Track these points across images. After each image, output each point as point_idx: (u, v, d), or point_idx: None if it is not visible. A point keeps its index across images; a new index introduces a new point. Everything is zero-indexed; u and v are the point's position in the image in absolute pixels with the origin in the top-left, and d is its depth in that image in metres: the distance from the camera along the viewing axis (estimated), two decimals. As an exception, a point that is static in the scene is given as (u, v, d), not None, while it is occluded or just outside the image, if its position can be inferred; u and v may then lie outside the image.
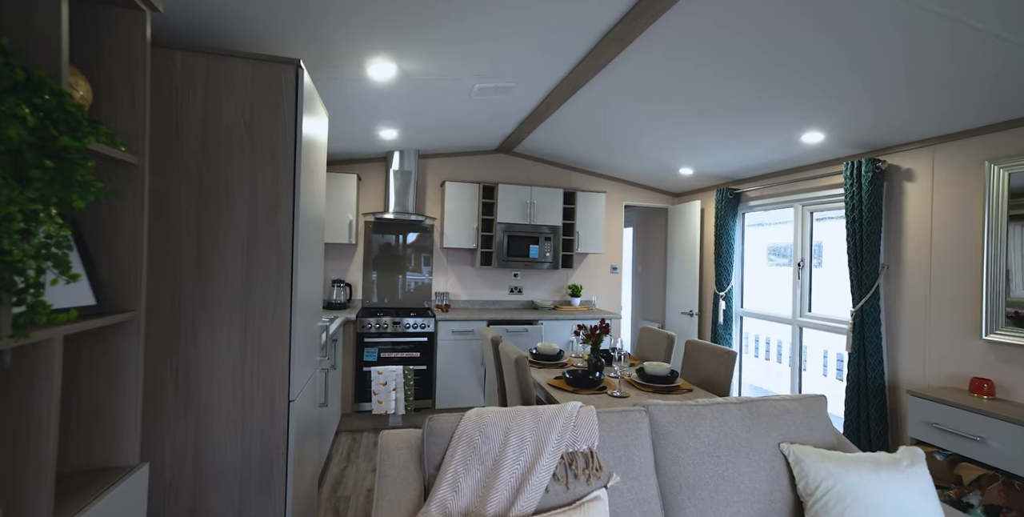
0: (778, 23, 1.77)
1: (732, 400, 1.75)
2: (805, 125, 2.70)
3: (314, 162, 1.88)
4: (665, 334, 2.88)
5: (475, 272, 4.38)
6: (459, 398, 3.73)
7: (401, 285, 4.21)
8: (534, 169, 4.50)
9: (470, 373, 3.75)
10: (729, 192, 3.92)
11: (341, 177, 3.76)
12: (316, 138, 1.92)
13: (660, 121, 2.98)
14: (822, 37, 1.82)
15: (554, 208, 4.17)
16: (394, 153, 3.97)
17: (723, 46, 1.98)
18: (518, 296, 4.48)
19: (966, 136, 2.42)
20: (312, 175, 1.85)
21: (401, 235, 4.23)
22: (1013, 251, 2.23)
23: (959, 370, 2.43)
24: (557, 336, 3.98)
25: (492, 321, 3.83)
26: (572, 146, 3.85)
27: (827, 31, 1.78)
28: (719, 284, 3.97)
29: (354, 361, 3.51)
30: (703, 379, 2.51)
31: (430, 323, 3.67)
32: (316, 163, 1.93)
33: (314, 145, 1.88)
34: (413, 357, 3.63)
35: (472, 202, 4.07)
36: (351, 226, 3.78)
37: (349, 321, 3.50)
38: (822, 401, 1.80)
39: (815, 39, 1.84)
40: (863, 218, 2.77)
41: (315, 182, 1.92)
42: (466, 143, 4.04)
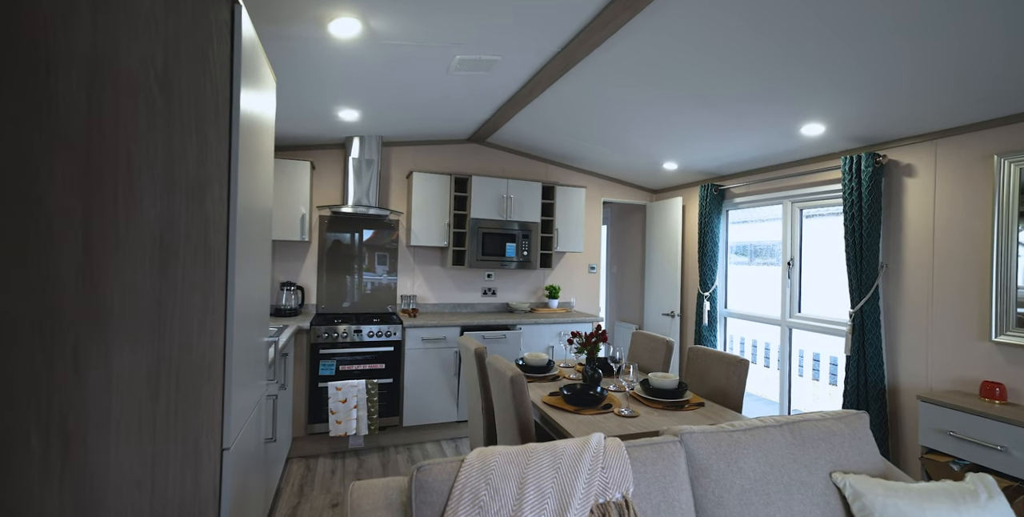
0: (788, 9, 1.62)
1: (770, 421, 1.50)
2: (807, 116, 2.53)
3: (258, 139, 1.47)
4: (663, 340, 2.63)
5: (445, 273, 4.00)
6: (430, 413, 3.35)
7: (362, 288, 3.77)
8: (509, 161, 4.18)
9: (442, 384, 3.38)
10: (714, 188, 3.75)
11: (292, 165, 3.29)
12: (261, 109, 1.50)
13: (654, 109, 2.73)
14: (831, 26, 1.71)
15: (532, 203, 3.86)
16: (353, 139, 3.53)
17: (728, 32, 1.85)
18: (492, 298, 4.14)
19: (970, 130, 2.31)
20: (256, 155, 1.44)
21: (362, 232, 3.78)
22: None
23: (965, 373, 2.33)
24: (537, 342, 3.68)
25: (467, 327, 3.48)
26: (553, 137, 3.55)
27: (835, 20, 1.66)
28: (703, 284, 3.81)
29: (307, 376, 3.06)
30: (711, 390, 2.27)
31: (396, 330, 3.26)
32: (261, 141, 1.52)
33: (259, 118, 1.47)
34: (377, 369, 3.22)
35: (442, 196, 3.70)
36: (304, 221, 3.31)
37: (302, 330, 3.04)
38: (865, 419, 1.58)
39: (824, 28, 1.73)
40: (863, 215, 2.64)
41: (260, 165, 1.51)
42: (436, 130, 3.66)
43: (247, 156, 1.32)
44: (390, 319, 3.45)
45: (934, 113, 2.28)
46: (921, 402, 2.25)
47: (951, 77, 1.97)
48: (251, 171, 1.38)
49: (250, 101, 1.34)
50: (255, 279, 1.47)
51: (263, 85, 1.52)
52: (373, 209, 3.44)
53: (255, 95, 1.40)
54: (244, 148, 1.28)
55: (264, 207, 1.60)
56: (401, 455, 3.16)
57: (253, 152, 1.40)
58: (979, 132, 2.29)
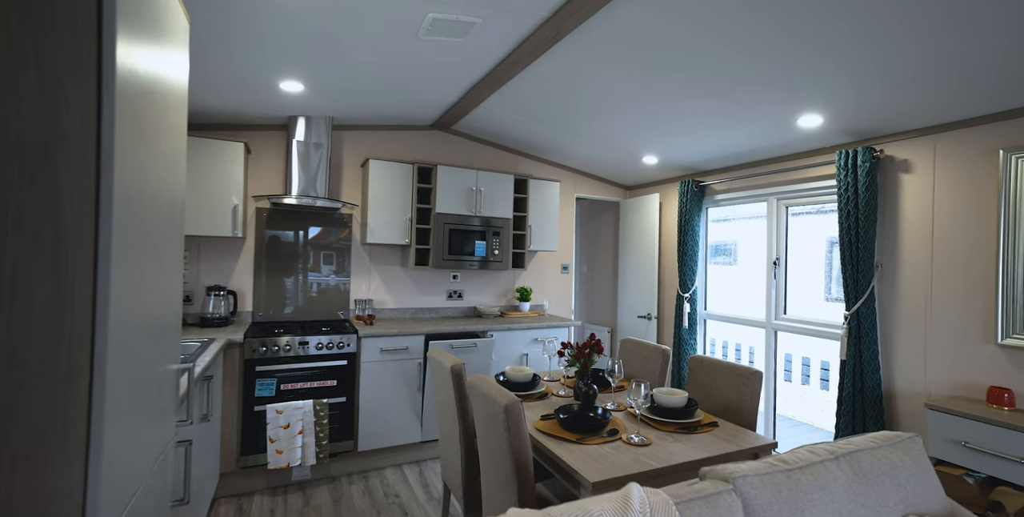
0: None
1: (822, 453, 1.24)
2: (806, 106, 2.35)
3: (157, 101, 1.04)
4: (658, 348, 2.37)
5: (406, 274, 3.58)
6: (390, 434, 2.93)
7: (308, 291, 3.28)
8: (477, 151, 3.81)
9: (404, 401, 2.97)
10: (695, 184, 3.57)
11: (220, 146, 2.76)
12: (164, 65, 1.07)
13: (642, 96, 2.47)
14: (835, 12, 1.59)
15: (503, 197, 3.52)
16: (298, 119, 3.04)
17: (729, 10, 1.68)
18: (458, 302, 3.76)
19: (972, 125, 2.21)
20: (153, 124, 1.01)
21: (308, 227, 3.29)
22: (1035, 248, 2.04)
23: (967, 378, 2.22)
24: (510, 349, 3.34)
25: (432, 335, 3.08)
26: (526, 125, 3.23)
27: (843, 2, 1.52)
28: (683, 285, 3.62)
29: (240, 399, 2.56)
30: (719, 406, 2.03)
31: (350, 340, 2.82)
32: (164, 107, 1.09)
33: (160, 75, 1.04)
34: (327, 387, 2.76)
35: (404, 187, 3.28)
36: (236, 214, 2.79)
37: (233, 344, 2.53)
38: (920, 444, 1.37)
39: (827, 12, 1.61)
40: (859, 212, 2.51)
41: (163, 137, 1.08)
42: (396, 114, 3.23)
43: (135, 120, 0.90)
44: (342, 327, 3.00)
45: (937, 105, 2.15)
46: (929, 410, 2.11)
47: (956, 65, 1.84)
48: (145, 143, 0.96)
49: (144, 50, 0.91)
50: (156, 284, 1.04)
51: (165, 27, 1.08)
52: (322, 201, 2.97)
53: (150, 38, 0.97)
54: (128, 107, 0.86)
55: (171, 193, 1.16)
56: (356, 486, 2.72)
57: (147, 118, 0.97)
58: (982, 126, 2.18)
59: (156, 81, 1.01)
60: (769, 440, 1.65)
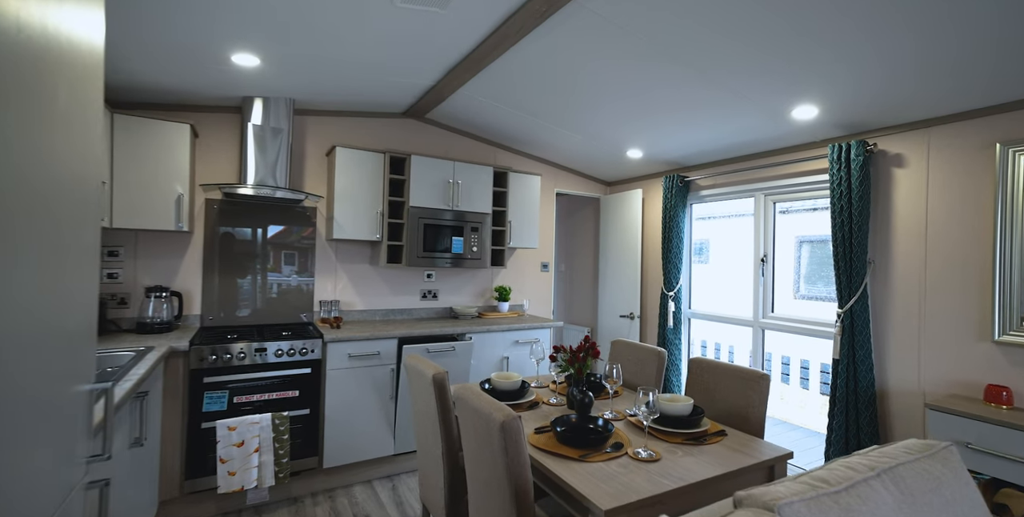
0: None
1: (862, 469, 1.10)
2: (802, 97, 2.26)
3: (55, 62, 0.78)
4: (653, 351, 2.22)
5: (376, 273, 3.31)
6: (359, 448, 2.67)
7: (267, 292, 2.97)
8: (453, 142, 3.58)
9: (375, 411, 2.71)
10: (679, 179, 3.46)
11: (159, 127, 2.43)
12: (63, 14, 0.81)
13: (634, 82, 2.32)
14: None
15: (482, 191, 3.30)
16: (254, 101, 2.73)
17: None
18: (433, 302, 3.52)
19: (967, 118, 2.16)
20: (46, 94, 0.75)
21: (267, 220, 2.98)
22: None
23: (962, 376, 2.18)
24: (490, 353, 3.13)
25: (406, 339, 2.84)
26: (508, 113, 3.03)
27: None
28: (667, 283, 3.50)
29: (185, 415, 2.24)
30: (723, 412, 1.88)
31: (314, 346, 2.55)
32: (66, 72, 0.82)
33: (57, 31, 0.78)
34: (288, 398, 2.47)
35: (374, 178, 3.02)
36: (181, 205, 2.47)
37: (177, 352, 2.22)
38: (956, 454, 1.25)
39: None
40: (852, 207, 2.44)
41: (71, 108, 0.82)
42: (365, 98, 2.97)
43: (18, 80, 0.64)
44: (305, 332, 2.71)
45: (933, 96, 2.08)
46: (929, 410, 2.04)
47: (954, 56, 1.79)
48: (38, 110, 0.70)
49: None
50: (54, 284, 0.78)
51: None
52: (282, 191, 2.68)
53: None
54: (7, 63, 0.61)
55: (80, 174, 0.89)
56: (321, 507, 2.45)
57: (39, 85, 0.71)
58: (977, 120, 2.14)
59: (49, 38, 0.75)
60: (784, 449, 1.51)
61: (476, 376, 3.07)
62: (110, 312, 2.51)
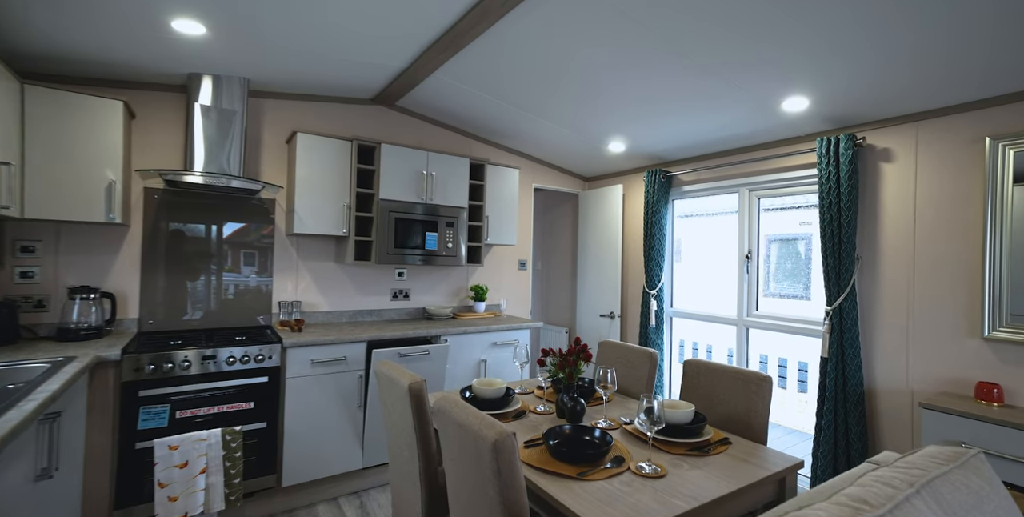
0: None
1: (903, 485, 0.97)
2: (794, 87, 2.18)
3: None
4: (646, 352, 2.09)
5: (342, 271, 3.06)
6: (323, 463, 2.43)
7: (220, 293, 2.68)
8: (427, 133, 3.37)
9: (341, 422, 2.47)
10: (662, 174, 3.36)
11: (87, 103, 2.12)
12: None
13: (623, 69, 2.19)
14: None
15: (458, 183, 3.11)
16: (203, 79, 2.45)
17: None
18: (404, 302, 3.29)
19: (956, 112, 2.13)
20: None
21: (219, 213, 2.69)
22: (1022, 238, 1.97)
23: (951, 374, 2.14)
24: (467, 355, 2.94)
25: (375, 342, 2.61)
26: (485, 101, 2.84)
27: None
28: (649, 281, 3.40)
29: (115, 434, 1.95)
30: (723, 417, 1.76)
31: (272, 351, 2.29)
32: None
33: None
34: (241, 411, 2.21)
35: (341, 168, 2.77)
36: (113, 193, 2.17)
37: (105, 362, 1.93)
38: (984, 461, 1.16)
39: None
40: (841, 202, 2.38)
41: None
42: (330, 81, 2.72)
43: None
44: (262, 336, 2.45)
45: (926, 88, 2.02)
46: (924, 409, 1.99)
47: (946, 48, 1.74)
48: None
49: None
50: None
51: None
52: (236, 180, 2.40)
53: None
54: None
55: None
56: (280, 531, 2.20)
57: None
58: (967, 114, 2.11)
59: None
60: (794, 458, 1.40)
61: (452, 381, 2.87)
62: (24, 316, 2.17)
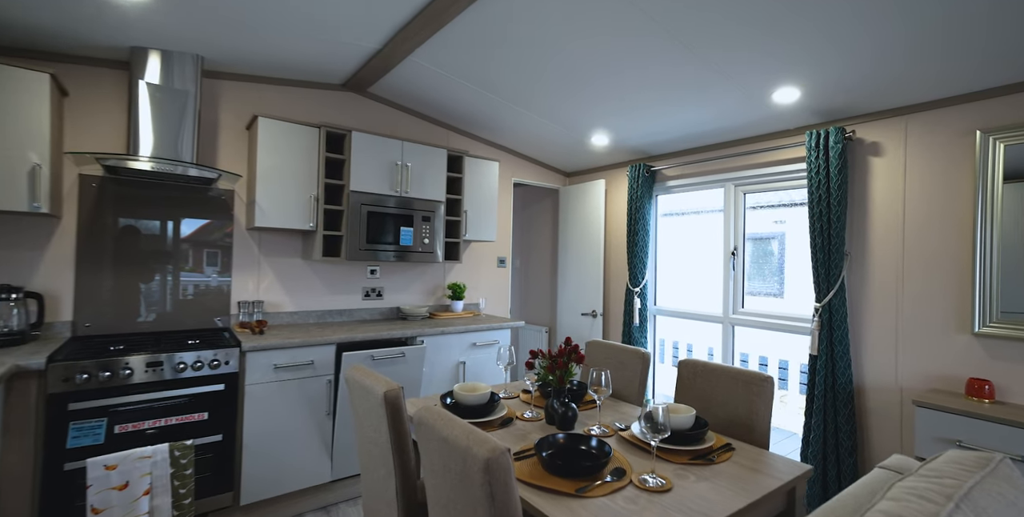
0: None
1: (941, 499, 0.87)
2: (785, 77, 2.11)
3: None
4: (637, 352, 1.97)
5: (309, 268, 2.85)
6: (288, 478, 2.22)
7: (170, 293, 2.43)
8: (400, 122, 3.18)
9: (308, 431, 2.27)
10: (646, 169, 3.28)
11: (4, 74, 1.85)
12: None
13: (612, 56, 2.08)
14: None
15: (435, 176, 2.93)
16: (149, 54, 2.20)
17: None
18: (377, 302, 3.09)
19: (945, 105, 2.09)
20: None
21: (168, 203, 2.44)
22: (1012, 232, 1.95)
23: (941, 370, 2.11)
24: (444, 357, 2.77)
25: (346, 344, 2.41)
26: (464, 89, 2.68)
27: None
28: (633, 279, 3.31)
29: (38, 454, 1.70)
30: (724, 421, 1.66)
31: (230, 356, 2.07)
32: None
33: None
34: (193, 422, 1.99)
35: (308, 156, 2.56)
36: (38, 179, 1.90)
37: (26, 372, 1.68)
38: (1012, 466, 1.08)
39: None
40: (831, 197, 2.33)
41: None
42: (294, 62, 2.50)
43: None
44: (219, 340, 2.22)
45: (921, 78, 1.97)
46: (917, 407, 1.95)
47: (941, 40, 1.71)
48: None
49: None
50: None
51: None
52: (191, 168, 2.17)
53: None
54: None
55: None
56: (238, 555, 1.99)
57: None
58: (957, 107, 2.08)
59: None
60: (804, 466, 1.30)
61: (429, 386, 2.70)
62: (-65, 319, 1.89)
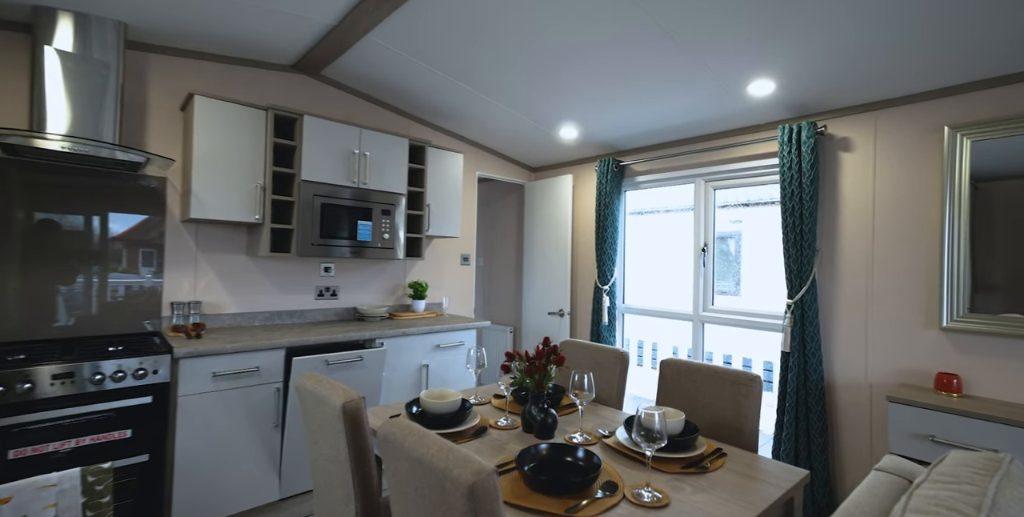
0: None
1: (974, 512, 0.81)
2: (762, 68, 2.08)
3: None
4: (615, 352, 1.87)
5: (255, 265, 2.58)
6: (229, 499, 1.97)
7: (89, 293, 2.12)
8: (358, 109, 2.96)
9: (253, 446, 2.03)
10: (615, 164, 3.21)
11: None
12: None
13: (586, 40, 1.96)
14: None
15: (396, 166, 2.73)
16: (58, 15, 1.90)
17: None
18: (331, 302, 2.86)
19: (914, 101, 2.12)
20: None
21: (86, 192, 2.13)
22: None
23: (910, 365, 2.14)
24: (406, 360, 2.58)
25: (297, 348, 2.18)
26: (427, 74, 2.50)
27: None
28: (602, 277, 3.24)
29: (-81, 487, 1.40)
30: (710, 423, 1.58)
31: (159, 365, 1.81)
32: None
33: None
34: (113, 442, 1.72)
35: (254, 141, 2.31)
36: (-79, 154, 1.58)
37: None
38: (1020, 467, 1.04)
39: None
40: (803, 192, 2.33)
41: None
42: (237, 35, 2.24)
43: None
44: (146, 346, 1.94)
45: (900, 75, 1.97)
46: (891, 403, 1.95)
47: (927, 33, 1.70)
48: None
49: None
50: None
51: None
52: (110, 148, 1.88)
53: None
54: None
55: None
56: (167, 593, 1.73)
57: None
58: (925, 103, 2.11)
59: None
60: (801, 471, 1.23)
61: (390, 392, 2.50)
62: None
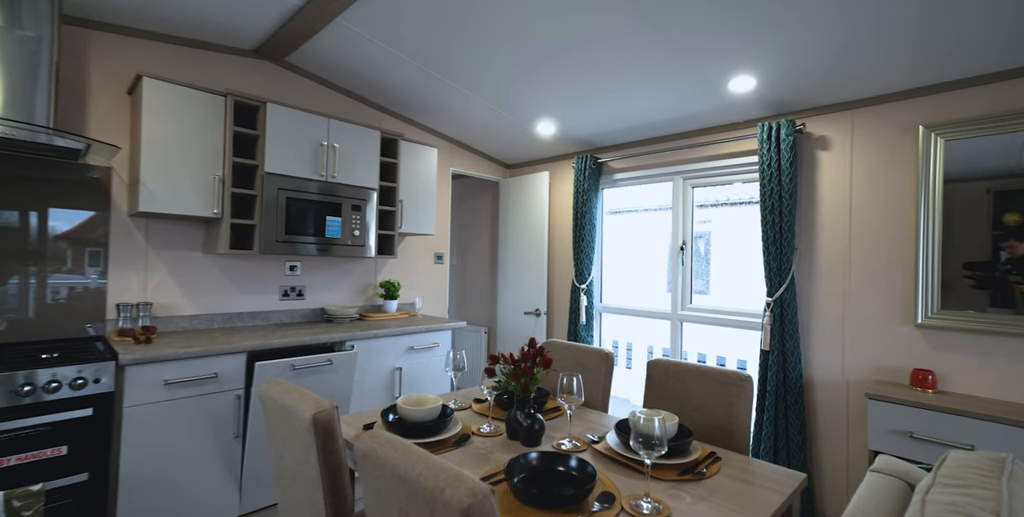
0: None
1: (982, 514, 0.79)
2: (743, 64, 2.06)
3: None
4: (600, 353, 1.81)
5: (213, 263, 2.39)
6: (184, 515, 1.80)
7: (36, 297, 1.90)
8: (326, 100, 2.80)
9: (210, 458, 1.86)
10: (592, 161, 3.16)
11: None
12: None
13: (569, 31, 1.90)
14: None
15: (367, 160, 2.60)
16: (-12, -19, 1.69)
17: None
18: (297, 302, 2.69)
19: (890, 100, 2.15)
20: None
21: (17, 182, 1.91)
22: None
23: (886, 362, 2.17)
24: (378, 364, 2.45)
25: (259, 352, 2.03)
26: (400, 62, 2.38)
27: None
28: (579, 275, 3.19)
29: None
30: (702, 427, 1.53)
31: (101, 373, 1.63)
32: None
33: None
34: (45, 461, 1.53)
35: (211, 129, 2.13)
36: None
37: None
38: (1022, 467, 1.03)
39: None
40: (782, 190, 2.34)
41: None
42: (190, 13, 2.06)
43: None
44: (87, 352, 1.75)
45: (888, 71, 1.98)
46: (870, 400, 1.97)
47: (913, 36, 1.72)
48: None
49: None
50: None
51: None
52: (57, 137, 1.68)
53: None
54: None
55: None
56: None
57: None
58: (901, 102, 2.14)
59: None
60: (799, 474, 1.19)
61: (361, 397, 2.36)
62: None
